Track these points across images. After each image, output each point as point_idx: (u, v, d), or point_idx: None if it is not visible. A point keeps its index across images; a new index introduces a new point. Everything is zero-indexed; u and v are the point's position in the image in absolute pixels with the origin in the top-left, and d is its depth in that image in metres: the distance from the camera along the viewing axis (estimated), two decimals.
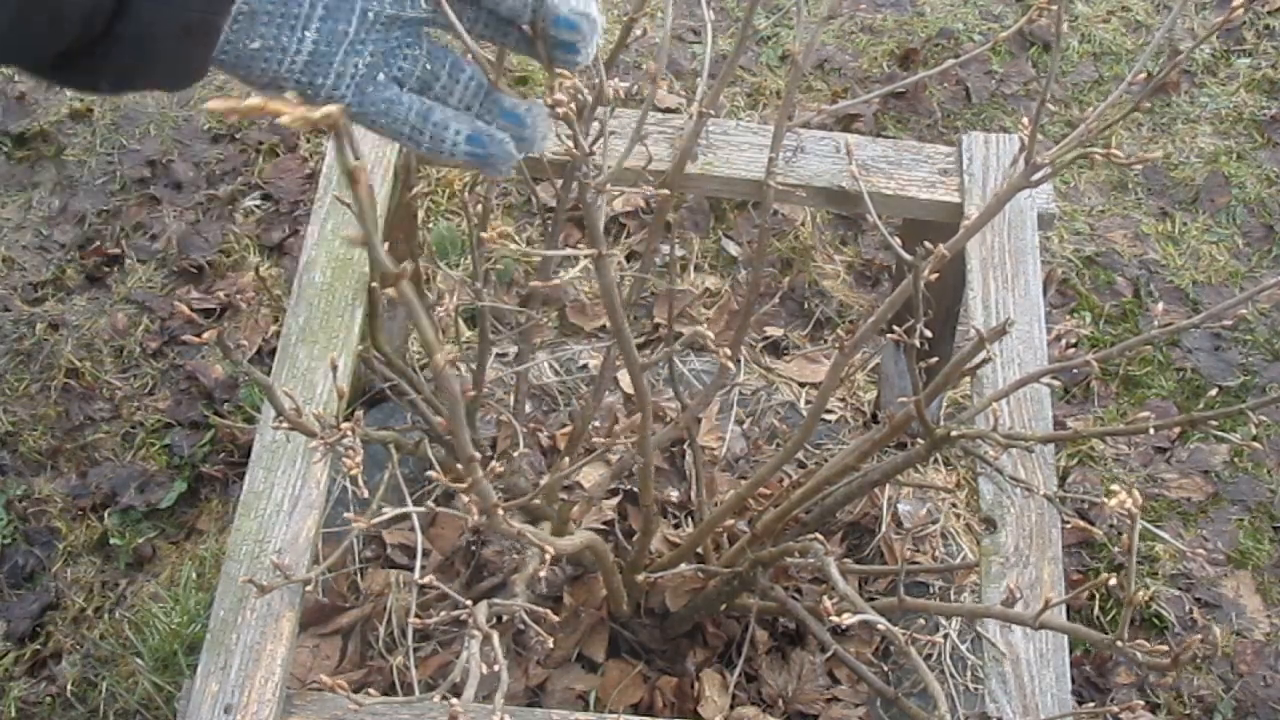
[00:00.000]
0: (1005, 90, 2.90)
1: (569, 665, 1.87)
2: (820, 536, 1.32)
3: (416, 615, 1.18)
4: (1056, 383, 2.03)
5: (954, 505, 2.14)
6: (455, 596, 1.11)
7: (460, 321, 2.23)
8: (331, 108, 0.51)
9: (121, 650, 2.06)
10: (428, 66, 0.72)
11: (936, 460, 2.19)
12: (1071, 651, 1.50)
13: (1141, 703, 2.09)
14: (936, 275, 1.12)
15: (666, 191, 1.32)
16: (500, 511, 0.91)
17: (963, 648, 1.90)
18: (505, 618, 1.76)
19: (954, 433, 1.26)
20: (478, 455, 0.82)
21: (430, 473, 0.96)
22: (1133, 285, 2.61)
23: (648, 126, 1.80)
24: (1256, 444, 1.76)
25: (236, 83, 0.86)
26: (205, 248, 2.53)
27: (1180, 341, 2.51)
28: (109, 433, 2.31)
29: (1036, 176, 1.03)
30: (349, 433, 1.03)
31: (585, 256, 0.94)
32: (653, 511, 1.58)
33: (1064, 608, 1.61)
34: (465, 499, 0.89)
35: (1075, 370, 2.40)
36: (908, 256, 1.11)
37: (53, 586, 2.16)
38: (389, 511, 1.08)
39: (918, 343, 1.17)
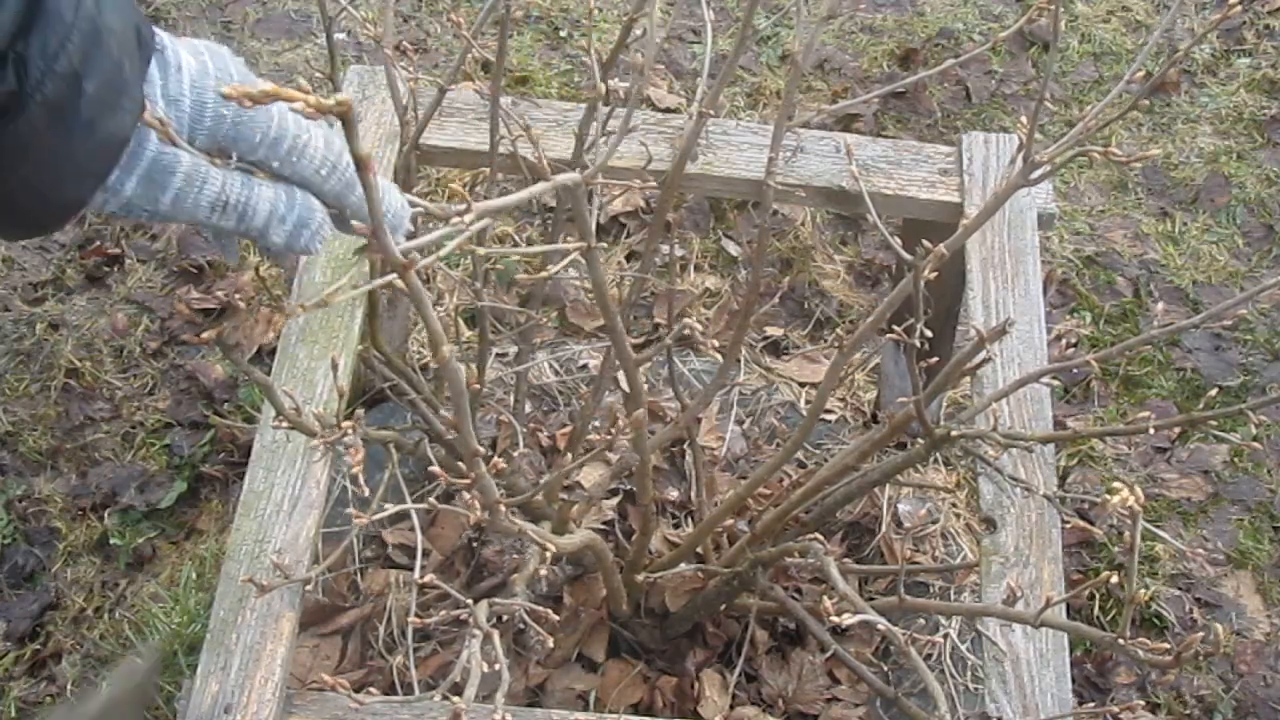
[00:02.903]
0: (1005, 90, 2.90)
1: (569, 665, 1.87)
2: (820, 536, 1.32)
3: (416, 615, 1.18)
4: (1056, 383, 2.03)
5: (954, 505, 2.14)
6: (456, 595, 1.11)
7: (460, 321, 2.23)
8: (343, 95, 0.51)
9: (121, 650, 2.06)
10: None
11: (936, 460, 2.19)
12: (1072, 651, 1.50)
13: (1141, 703, 2.09)
14: (936, 275, 1.12)
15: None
16: (502, 508, 0.92)
17: (963, 648, 1.90)
18: (505, 617, 1.76)
19: (954, 433, 1.26)
20: (481, 449, 0.82)
21: (432, 468, 0.96)
22: (1133, 285, 2.61)
23: (648, 126, 1.80)
24: (1256, 444, 1.76)
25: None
26: (205, 248, 2.53)
27: (1180, 341, 2.51)
28: (109, 433, 2.31)
29: (1035, 175, 1.03)
30: (349, 431, 1.03)
31: (574, 249, 0.94)
32: (651, 510, 1.58)
33: (1064, 607, 1.61)
34: (467, 496, 0.89)
35: (1075, 370, 2.40)
36: (908, 256, 1.11)
37: (53, 586, 2.16)
38: (390, 508, 1.08)
39: (918, 342, 1.17)
